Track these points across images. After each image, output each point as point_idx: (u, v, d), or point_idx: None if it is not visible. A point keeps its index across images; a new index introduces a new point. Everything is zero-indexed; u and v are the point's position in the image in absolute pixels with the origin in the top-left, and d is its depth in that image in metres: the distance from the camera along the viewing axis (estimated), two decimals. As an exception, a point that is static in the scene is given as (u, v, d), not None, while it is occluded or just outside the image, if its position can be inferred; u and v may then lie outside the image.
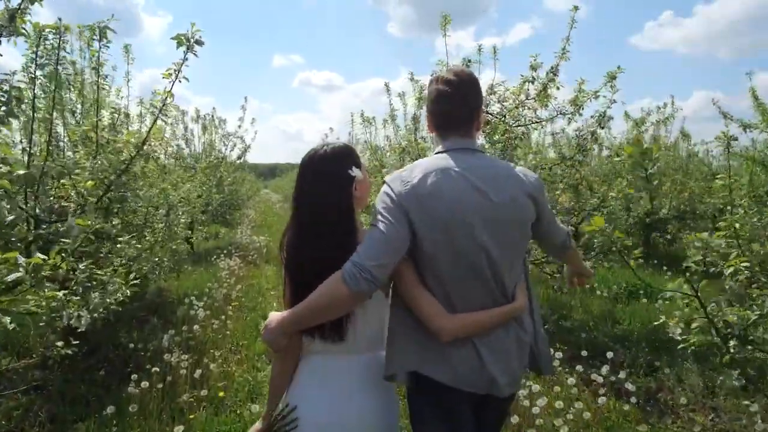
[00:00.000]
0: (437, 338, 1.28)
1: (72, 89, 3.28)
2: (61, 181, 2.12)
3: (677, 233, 7.14)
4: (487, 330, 1.31)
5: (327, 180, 1.32)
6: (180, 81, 2.06)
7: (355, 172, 1.33)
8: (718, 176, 2.22)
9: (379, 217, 1.26)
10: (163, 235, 4.53)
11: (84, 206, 2.12)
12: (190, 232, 8.08)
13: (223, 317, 4.38)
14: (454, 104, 1.40)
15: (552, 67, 4.30)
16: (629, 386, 2.79)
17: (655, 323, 2.22)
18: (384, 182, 1.35)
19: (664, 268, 6.95)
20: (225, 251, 8.23)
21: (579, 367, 3.05)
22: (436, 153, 1.41)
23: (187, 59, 2.05)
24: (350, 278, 1.17)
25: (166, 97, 2.13)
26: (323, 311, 1.23)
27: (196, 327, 3.90)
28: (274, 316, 1.30)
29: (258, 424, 1.37)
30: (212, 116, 9.43)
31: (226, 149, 9.58)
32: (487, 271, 1.30)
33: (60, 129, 3.89)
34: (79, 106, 3.70)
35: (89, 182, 2.09)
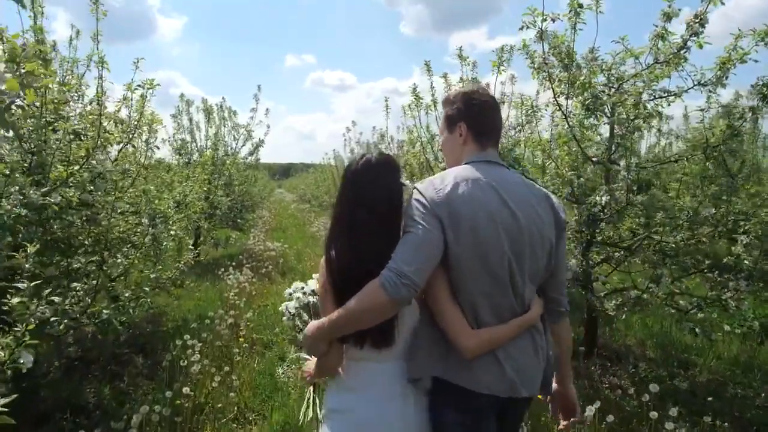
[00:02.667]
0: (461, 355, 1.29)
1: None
2: None
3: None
4: (507, 341, 1.32)
5: (384, 188, 1.35)
6: None
7: (405, 181, 1.39)
8: None
9: (412, 222, 1.26)
10: (147, 252, 3.32)
11: None
12: (191, 241, 6.93)
13: (227, 368, 3.16)
14: (498, 119, 1.47)
15: (697, 15, 2.99)
16: None
17: None
18: (415, 188, 1.34)
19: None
20: (235, 261, 7.04)
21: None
22: (468, 162, 1.40)
23: None
24: (390, 285, 1.17)
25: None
26: (362, 319, 1.23)
27: (186, 390, 2.68)
28: (312, 324, 1.31)
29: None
30: (221, 106, 8.25)
31: (236, 144, 8.40)
32: (508, 283, 1.30)
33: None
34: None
35: None
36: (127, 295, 2.72)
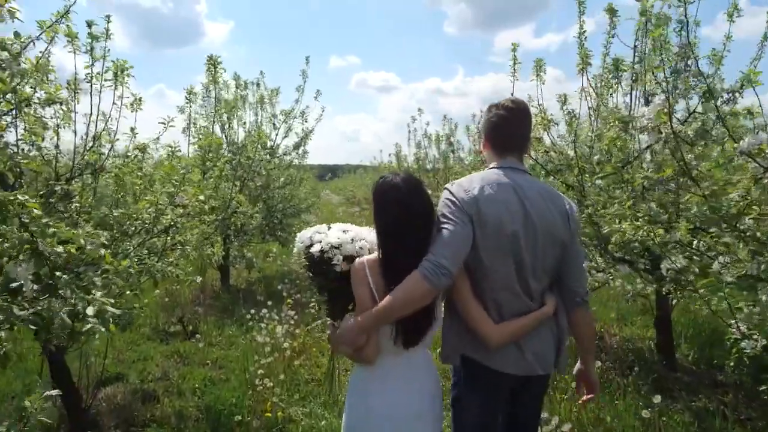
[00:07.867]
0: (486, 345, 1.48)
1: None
2: None
3: None
4: (527, 332, 1.50)
5: (425, 202, 1.46)
6: None
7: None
8: None
9: (445, 219, 1.41)
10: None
11: None
12: (209, 257, 5.06)
13: None
14: (514, 130, 1.60)
15: None
16: None
17: None
18: (445, 189, 1.49)
19: None
20: (274, 294, 4.99)
21: None
22: (491, 168, 1.56)
23: None
24: (432, 275, 1.31)
25: None
26: (407, 307, 1.37)
27: None
28: (351, 320, 1.44)
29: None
30: (258, 83, 6.31)
31: (276, 135, 6.44)
32: (526, 276, 1.47)
33: None
34: None
35: None
36: None
